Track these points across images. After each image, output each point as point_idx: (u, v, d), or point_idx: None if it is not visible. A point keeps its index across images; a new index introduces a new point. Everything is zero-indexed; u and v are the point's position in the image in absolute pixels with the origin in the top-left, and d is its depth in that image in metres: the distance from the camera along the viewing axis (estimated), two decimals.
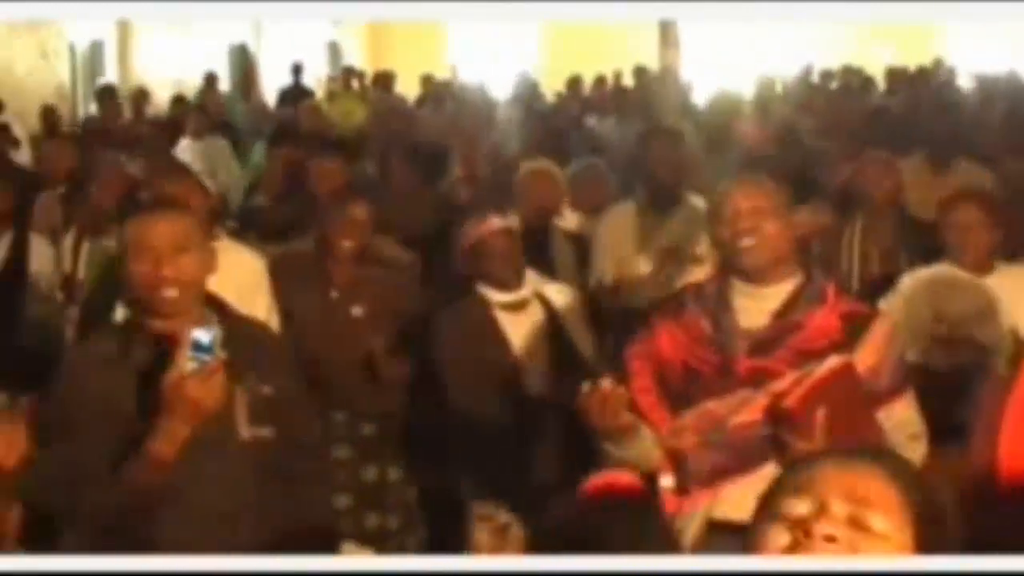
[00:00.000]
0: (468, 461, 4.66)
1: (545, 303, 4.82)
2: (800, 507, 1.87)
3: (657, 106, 12.23)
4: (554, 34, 22.75)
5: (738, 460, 3.32)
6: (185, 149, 10.76)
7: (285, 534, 3.15)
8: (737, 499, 3.13)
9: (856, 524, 1.85)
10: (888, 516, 1.87)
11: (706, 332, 3.46)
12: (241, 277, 4.53)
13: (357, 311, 5.03)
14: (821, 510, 1.86)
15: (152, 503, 3.07)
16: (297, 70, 17.39)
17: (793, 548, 1.85)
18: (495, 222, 4.81)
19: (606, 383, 3.20)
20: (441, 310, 4.89)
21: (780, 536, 1.87)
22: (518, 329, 4.75)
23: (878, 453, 2.08)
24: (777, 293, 3.46)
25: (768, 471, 2.98)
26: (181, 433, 3.00)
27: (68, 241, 6.19)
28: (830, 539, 1.83)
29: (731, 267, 3.52)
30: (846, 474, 1.91)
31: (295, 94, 16.03)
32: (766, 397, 3.29)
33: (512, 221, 4.98)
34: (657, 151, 5.97)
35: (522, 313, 4.78)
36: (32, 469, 3.23)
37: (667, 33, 13.35)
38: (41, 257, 6.39)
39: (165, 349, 3.09)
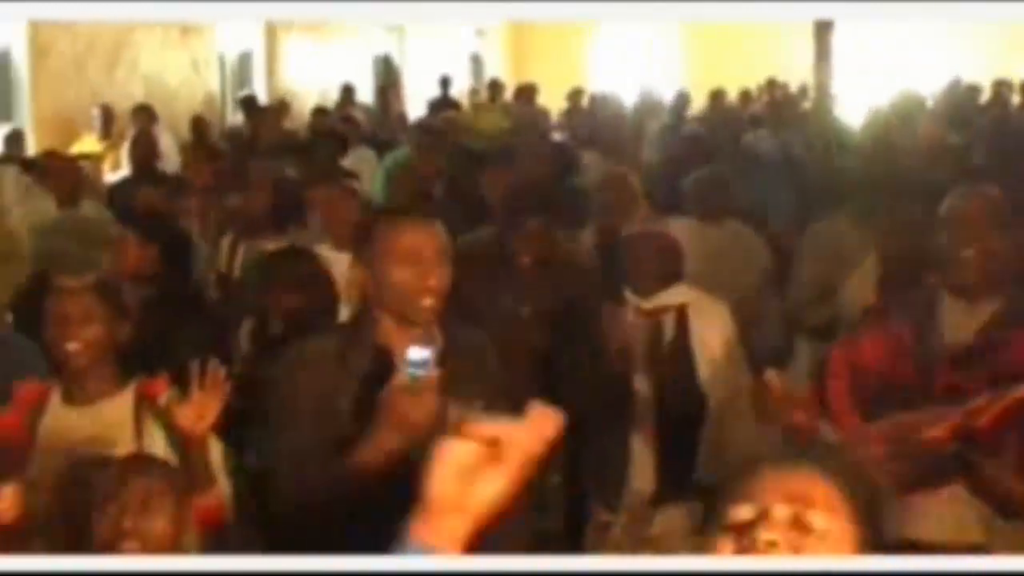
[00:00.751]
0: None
1: (682, 315, 4.76)
2: (743, 513, 1.95)
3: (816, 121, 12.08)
4: (697, 42, 22.55)
5: (924, 476, 3.24)
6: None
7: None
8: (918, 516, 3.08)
9: (798, 525, 1.93)
10: (830, 514, 1.95)
11: (908, 343, 3.40)
12: None
13: (526, 311, 5.07)
14: (763, 515, 1.94)
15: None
16: (445, 83, 17.51)
17: (739, 555, 1.92)
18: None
19: (771, 375, 3.15)
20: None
21: (726, 544, 1.94)
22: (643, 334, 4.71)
23: (818, 455, 2.18)
24: (985, 310, 3.39)
25: (953, 491, 2.92)
26: (390, 444, 3.03)
27: (225, 244, 6.39)
28: (771, 544, 1.90)
29: (943, 278, 3.45)
30: (786, 477, 1.99)
31: (443, 105, 16.13)
32: (959, 415, 3.19)
33: (660, 226, 4.94)
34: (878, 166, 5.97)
35: (654, 319, 4.73)
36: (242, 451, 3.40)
37: (821, 42, 13.05)
38: (201, 259, 6.54)
39: (385, 357, 3.20)
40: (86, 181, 8.42)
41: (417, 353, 2.99)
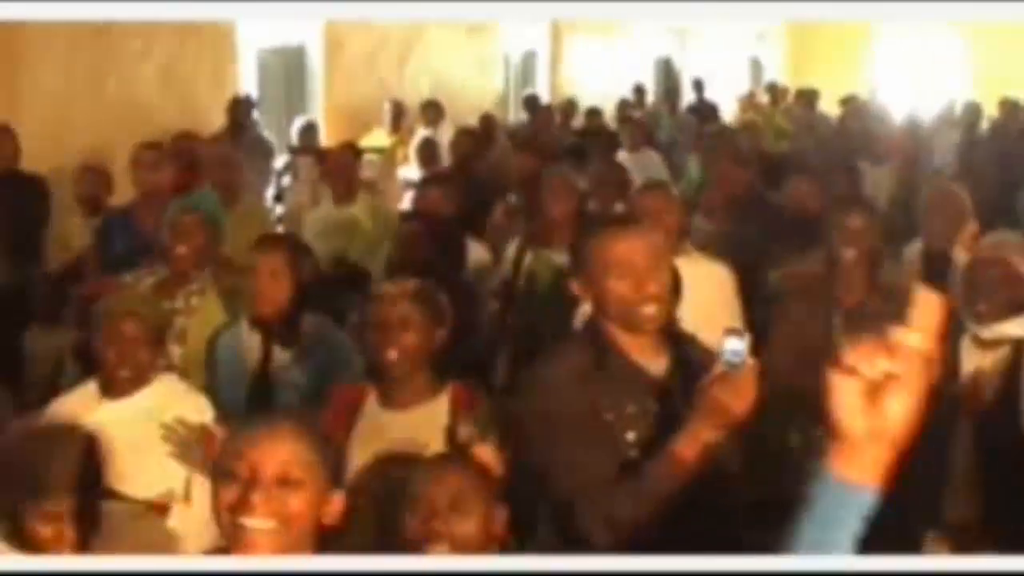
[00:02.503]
0: None
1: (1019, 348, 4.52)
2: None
3: None
4: (981, 44, 21.73)
5: None
6: (621, 161, 10.81)
7: None
8: None
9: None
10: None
11: None
12: (708, 290, 4.44)
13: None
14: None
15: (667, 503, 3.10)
16: (699, 86, 17.38)
17: None
18: None
19: None
20: None
21: None
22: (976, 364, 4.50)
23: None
24: None
25: None
26: (707, 437, 2.99)
27: (511, 250, 6.20)
28: None
29: None
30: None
31: (700, 110, 15.97)
32: None
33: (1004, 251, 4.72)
34: None
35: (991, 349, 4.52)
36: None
37: None
38: (480, 263, 6.44)
39: (627, 365, 3.21)
40: (362, 178, 8.51)
41: (733, 343, 2.96)
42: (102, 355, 4.16)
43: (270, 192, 10.38)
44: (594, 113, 14.08)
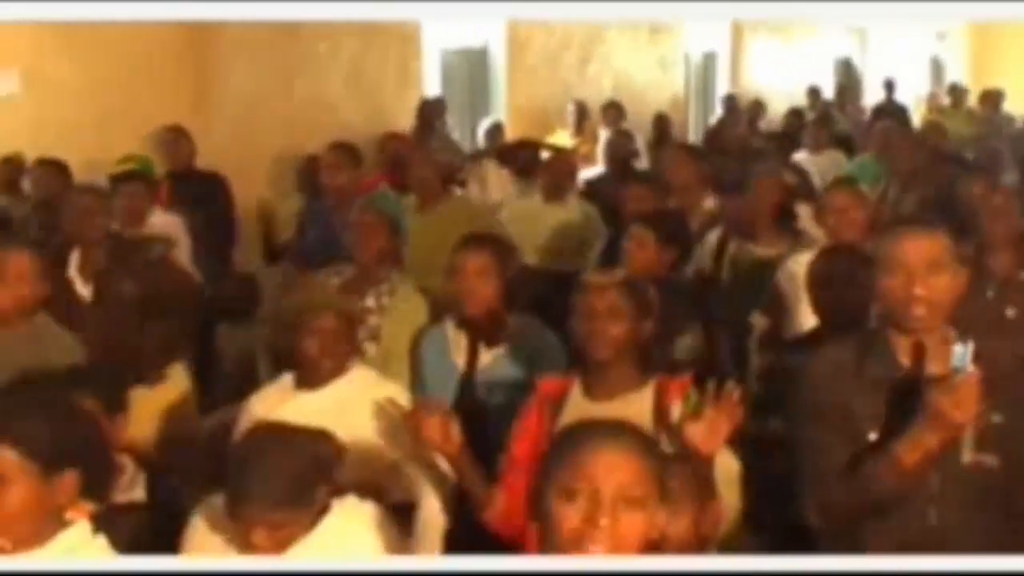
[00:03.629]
0: None
1: None
2: None
3: None
4: None
5: None
6: (804, 163, 10.61)
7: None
8: None
9: None
10: None
11: None
12: None
13: (1011, 312, 4.88)
14: None
15: (885, 507, 3.17)
16: (890, 86, 17.06)
17: None
18: None
19: None
20: None
21: None
22: None
23: None
24: None
25: None
26: (929, 444, 3.02)
27: (710, 242, 6.24)
28: None
29: None
30: None
31: (889, 110, 15.60)
32: None
33: None
34: None
35: None
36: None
37: None
38: None
39: (894, 365, 3.24)
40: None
41: (957, 350, 2.96)
42: (299, 348, 4.21)
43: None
44: (795, 114, 13.89)
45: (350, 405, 4.12)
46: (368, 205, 5.88)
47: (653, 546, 2.44)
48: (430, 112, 10.69)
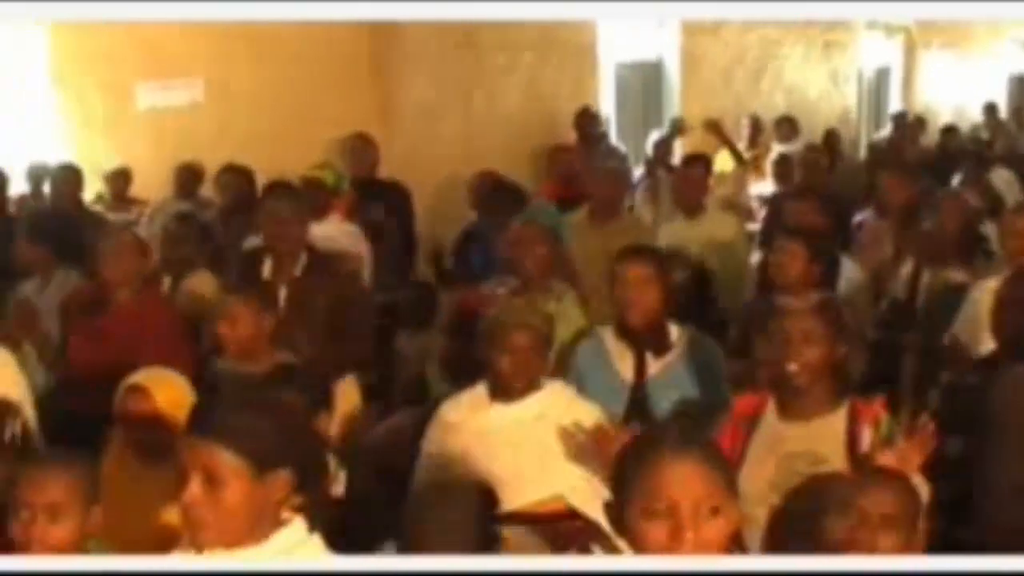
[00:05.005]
0: None
1: None
2: None
3: None
4: None
5: None
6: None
7: None
8: None
9: None
10: None
11: None
12: None
13: None
14: None
15: None
16: None
17: None
18: None
19: None
20: None
21: None
22: None
23: None
24: None
25: None
26: None
27: (905, 269, 6.17)
28: None
29: None
30: None
31: None
32: None
33: None
34: None
35: None
36: None
37: None
38: (853, 282, 6.32)
39: None
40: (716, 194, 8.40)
41: None
42: (495, 364, 4.26)
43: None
44: (950, 130, 13.64)
45: (545, 420, 4.17)
46: (527, 218, 5.99)
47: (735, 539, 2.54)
48: (585, 124, 10.67)
